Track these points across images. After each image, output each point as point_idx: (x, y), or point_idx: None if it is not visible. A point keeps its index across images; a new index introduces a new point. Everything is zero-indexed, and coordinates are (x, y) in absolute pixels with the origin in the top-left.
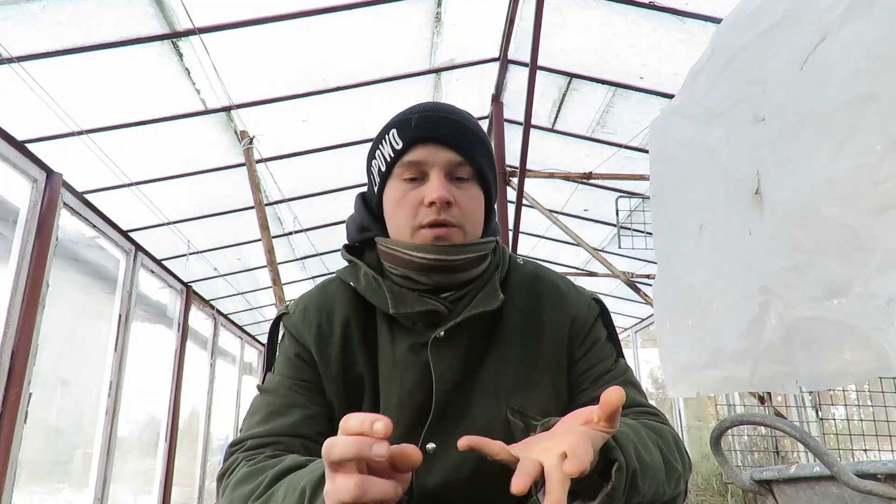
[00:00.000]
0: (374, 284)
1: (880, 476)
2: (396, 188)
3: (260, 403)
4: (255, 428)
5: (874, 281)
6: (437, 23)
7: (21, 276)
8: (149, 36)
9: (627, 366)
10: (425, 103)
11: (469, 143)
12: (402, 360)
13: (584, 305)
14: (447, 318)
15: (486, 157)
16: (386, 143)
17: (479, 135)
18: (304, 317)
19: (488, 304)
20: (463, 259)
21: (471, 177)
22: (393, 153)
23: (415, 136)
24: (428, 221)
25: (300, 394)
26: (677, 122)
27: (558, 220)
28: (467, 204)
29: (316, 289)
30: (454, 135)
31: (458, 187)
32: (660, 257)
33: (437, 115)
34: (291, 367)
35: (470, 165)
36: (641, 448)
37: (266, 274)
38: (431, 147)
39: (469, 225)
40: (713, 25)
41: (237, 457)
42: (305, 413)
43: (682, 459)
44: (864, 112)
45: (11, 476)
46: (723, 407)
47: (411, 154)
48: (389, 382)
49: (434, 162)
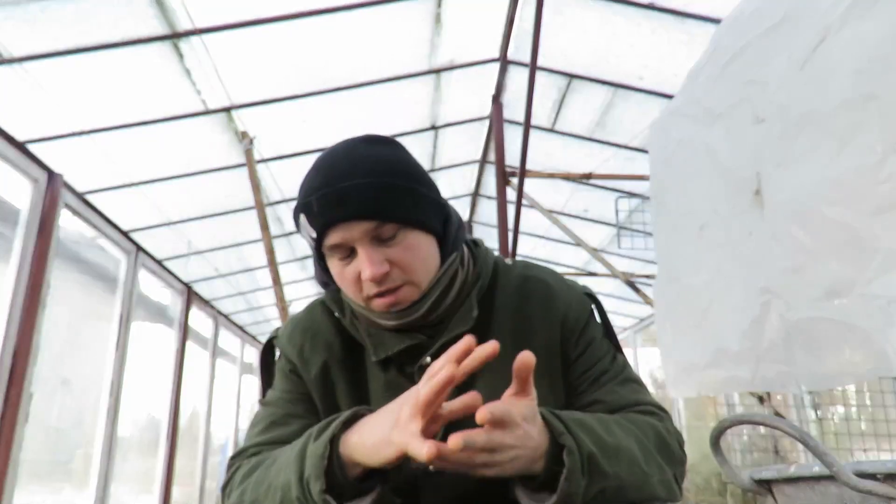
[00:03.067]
0: (354, 324)
1: (880, 476)
2: (334, 267)
3: (261, 415)
4: (256, 438)
5: (875, 281)
6: (436, 23)
7: (22, 277)
8: (149, 36)
9: (626, 361)
10: (322, 166)
11: (382, 203)
12: (395, 386)
13: (576, 302)
14: (430, 345)
15: (409, 197)
16: (303, 229)
17: (390, 184)
18: (290, 339)
19: (464, 324)
20: (426, 308)
21: (401, 228)
22: (312, 241)
23: (323, 223)
24: (374, 293)
25: (299, 405)
26: (677, 122)
27: (558, 220)
28: (405, 259)
29: (304, 311)
30: (361, 206)
31: (390, 247)
32: (660, 257)
33: (335, 191)
34: (288, 382)
35: (391, 222)
36: (603, 432)
37: (266, 274)
38: (343, 226)
39: (417, 276)
40: (713, 25)
41: (240, 464)
42: (304, 423)
43: (668, 453)
44: (865, 112)
45: (12, 476)
46: (723, 407)
47: (328, 239)
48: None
49: (353, 239)
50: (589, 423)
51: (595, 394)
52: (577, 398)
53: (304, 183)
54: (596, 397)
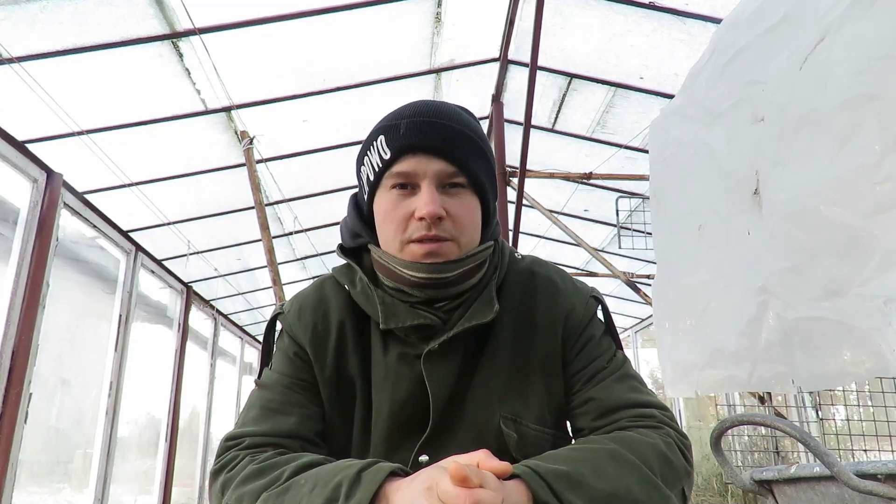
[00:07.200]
0: (367, 292)
1: (880, 476)
2: (386, 199)
3: (257, 399)
4: (253, 425)
5: (873, 281)
6: (437, 23)
7: (21, 277)
8: (149, 36)
9: (626, 358)
10: (416, 104)
11: (462, 150)
12: (395, 371)
13: (581, 302)
14: (441, 331)
15: (483, 160)
16: (374, 150)
17: (473, 138)
18: (300, 317)
19: (483, 316)
20: (456, 274)
21: (465, 185)
22: (381, 163)
23: (403, 146)
24: (418, 237)
25: (298, 393)
26: (677, 122)
27: (558, 220)
28: (461, 215)
29: (311, 287)
30: (445, 142)
31: (450, 197)
32: (659, 257)
33: (427, 121)
34: (290, 365)
35: (463, 174)
36: (594, 479)
37: (266, 274)
38: (421, 157)
39: (464, 237)
40: (713, 25)
41: (237, 454)
42: (304, 413)
43: (672, 473)
44: (864, 112)
45: (12, 476)
46: (723, 407)
47: (400, 164)
48: (381, 392)
49: (424, 173)
50: (576, 476)
51: (590, 391)
52: (572, 397)
53: (389, 114)
54: (591, 395)
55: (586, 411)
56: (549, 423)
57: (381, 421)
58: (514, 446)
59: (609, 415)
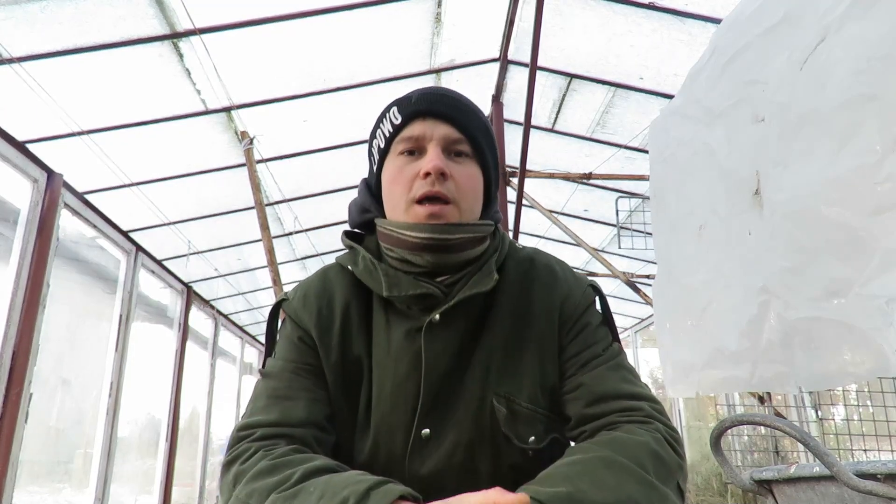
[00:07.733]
0: (370, 268)
1: (880, 476)
2: (394, 163)
3: (264, 387)
4: (262, 415)
5: (874, 281)
6: (437, 23)
7: (22, 277)
8: (149, 36)
9: (622, 350)
10: (428, 87)
11: (467, 118)
12: (397, 348)
13: (579, 291)
14: (442, 302)
15: (486, 137)
16: (386, 120)
17: (478, 115)
18: (305, 303)
19: (483, 286)
20: (457, 239)
21: (469, 154)
22: (392, 129)
23: (413, 111)
24: (422, 194)
25: (305, 378)
26: (677, 122)
27: (558, 220)
28: (463, 179)
29: (315, 275)
30: (452, 110)
31: (455, 163)
32: (660, 257)
33: (437, 93)
34: (294, 350)
35: (468, 142)
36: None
37: (266, 274)
38: (430, 121)
39: (464, 202)
40: (713, 25)
41: (249, 446)
42: (311, 397)
43: (665, 471)
44: (864, 112)
45: (12, 476)
46: (723, 407)
47: (409, 129)
48: (383, 370)
49: (431, 136)
50: (579, 496)
51: (583, 377)
52: (566, 381)
53: (404, 95)
54: (583, 381)
55: (577, 397)
56: (541, 404)
57: (383, 399)
58: (503, 421)
59: (599, 403)
